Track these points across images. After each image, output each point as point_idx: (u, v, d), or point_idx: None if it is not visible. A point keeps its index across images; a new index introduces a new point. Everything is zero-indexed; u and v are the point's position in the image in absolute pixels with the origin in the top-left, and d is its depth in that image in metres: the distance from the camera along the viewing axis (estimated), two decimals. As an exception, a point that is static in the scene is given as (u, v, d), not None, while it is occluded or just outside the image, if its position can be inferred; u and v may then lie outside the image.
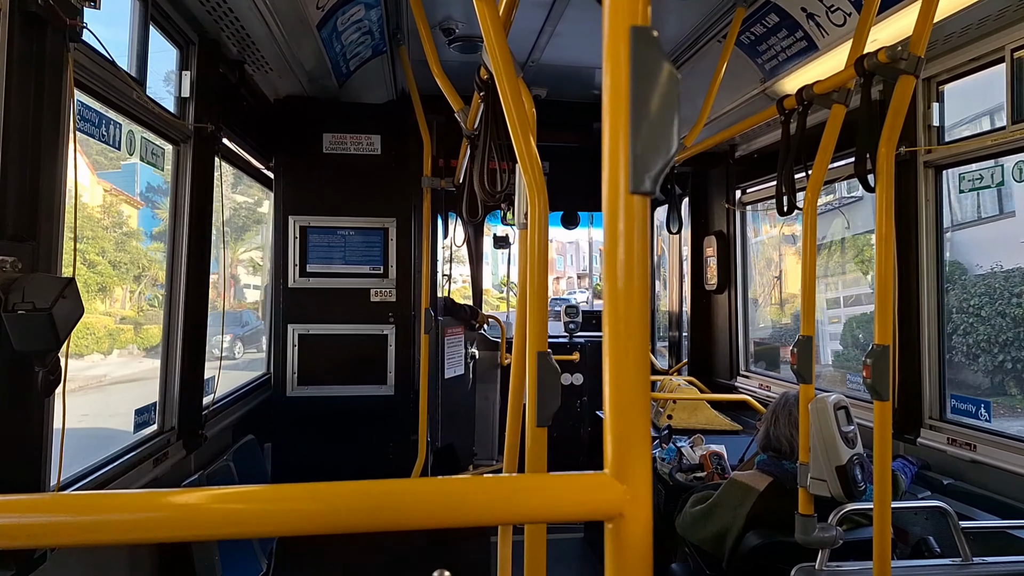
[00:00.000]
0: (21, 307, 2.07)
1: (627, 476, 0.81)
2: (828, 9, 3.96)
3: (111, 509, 0.82)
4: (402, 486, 0.86)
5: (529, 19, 4.71)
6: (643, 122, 0.80)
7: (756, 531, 3.17)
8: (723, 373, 6.90)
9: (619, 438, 0.81)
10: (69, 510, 0.83)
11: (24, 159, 2.27)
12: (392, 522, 0.83)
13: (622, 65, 0.81)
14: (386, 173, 5.52)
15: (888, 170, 2.75)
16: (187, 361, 3.88)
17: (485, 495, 0.85)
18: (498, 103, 2.49)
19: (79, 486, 2.91)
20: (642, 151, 0.80)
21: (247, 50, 4.24)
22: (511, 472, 2.45)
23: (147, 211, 7.51)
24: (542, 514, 0.85)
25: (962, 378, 7.07)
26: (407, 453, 5.46)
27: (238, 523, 0.83)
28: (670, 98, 0.81)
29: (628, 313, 0.81)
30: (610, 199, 0.82)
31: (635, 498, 0.81)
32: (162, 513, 0.82)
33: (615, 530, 0.81)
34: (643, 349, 0.81)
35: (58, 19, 2.32)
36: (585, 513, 0.83)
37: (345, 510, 0.84)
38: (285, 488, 0.84)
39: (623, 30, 0.81)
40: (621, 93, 0.81)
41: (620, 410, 0.81)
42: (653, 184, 0.80)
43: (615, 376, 0.81)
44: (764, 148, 6.21)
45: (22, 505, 0.84)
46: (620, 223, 0.80)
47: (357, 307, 5.47)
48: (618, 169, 0.81)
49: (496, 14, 1.78)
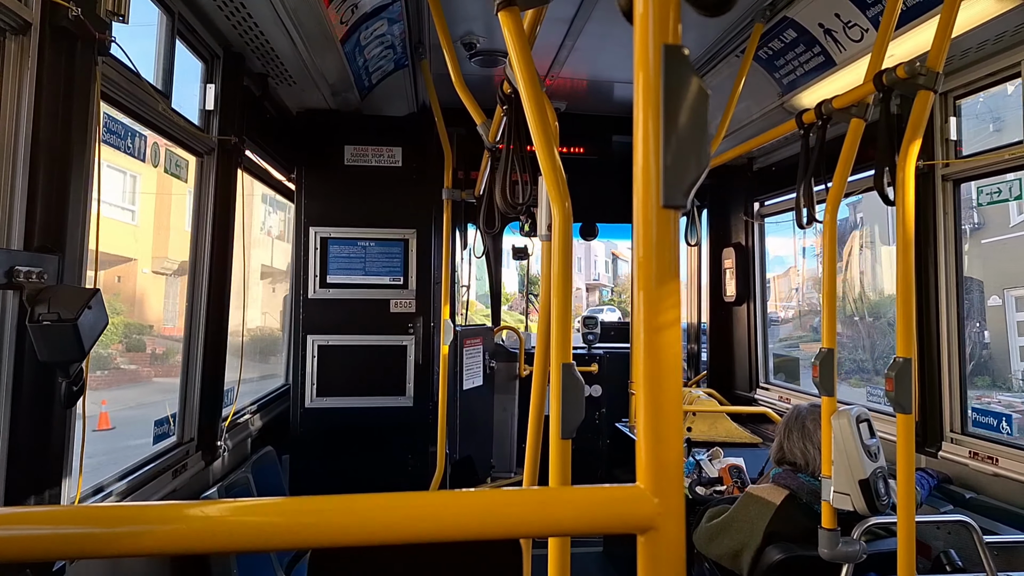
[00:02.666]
0: (47, 318, 2.10)
1: (660, 489, 0.81)
2: (845, 25, 3.96)
3: (131, 521, 0.82)
4: (434, 498, 0.87)
5: (550, 34, 4.74)
6: (674, 137, 0.81)
7: (776, 545, 3.15)
8: (742, 385, 6.86)
9: (652, 451, 0.81)
10: (89, 522, 0.83)
11: (52, 171, 2.30)
12: (424, 534, 0.83)
13: (653, 82, 0.82)
14: (406, 185, 5.55)
15: (907, 184, 2.75)
16: (207, 373, 3.91)
17: (519, 507, 0.86)
18: (521, 116, 2.51)
19: (99, 497, 2.93)
20: (673, 165, 0.81)
21: (271, 64, 4.28)
22: (531, 484, 2.45)
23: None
24: (576, 526, 0.85)
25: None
26: (425, 465, 5.46)
27: (259, 536, 0.83)
28: (700, 114, 0.82)
29: (661, 326, 0.81)
30: (643, 213, 0.83)
31: (668, 511, 0.81)
32: (182, 525, 0.82)
33: (648, 543, 0.82)
34: (676, 362, 0.82)
35: (87, 33, 2.35)
36: (619, 525, 0.83)
37: (376, 523, 0.84)
38: (308, 500, 0.84)
39: (655, 48, 0.82)
40: (652, 109, 0.82)
41: (653, 424, 0.81)
42: (684, 198, 0.81)
43: (649, 390, 0.81)
44: (782, 161, 6.20)
45: (43, 517, 0.84)
46: (653, 236, 0.81)
47: (377, 318, 5.49)
48: (650, 183, 0.82)
49: (521, 30, 1.79)
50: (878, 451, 3.03)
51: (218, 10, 3.54)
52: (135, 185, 11.13)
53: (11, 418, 2.20)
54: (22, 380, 2.21)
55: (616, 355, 7.26)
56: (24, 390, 2.23)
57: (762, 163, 6.58)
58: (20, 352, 2.19)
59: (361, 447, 5.44)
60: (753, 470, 4.39)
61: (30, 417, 2.26)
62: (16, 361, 2.20)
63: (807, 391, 6.00)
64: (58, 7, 2.23)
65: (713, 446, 4.84)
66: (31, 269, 2.14)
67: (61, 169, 2.33)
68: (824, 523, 2.97)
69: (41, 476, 2.35)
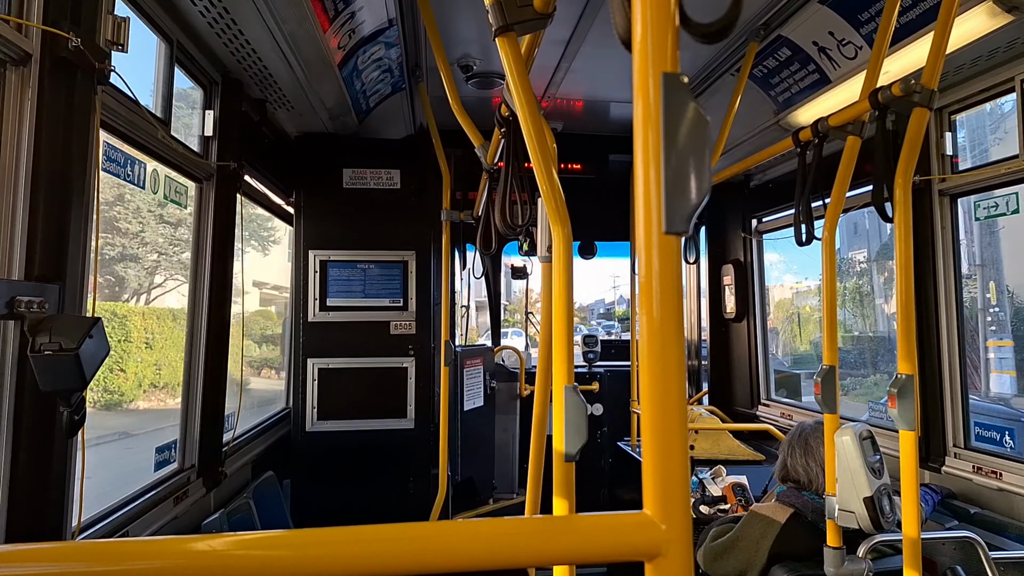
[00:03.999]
0: (48, 348, 2.09)
1: (667, 515, 0.81)
2: (839, 43, 3.99)
3: (137, 557, 0.81)
4: (443, 528, 0.86)
5: (546, 56, 4.77)
6: (674, 164, 0.81)
7: (781, 565, 3.14)
8: (743, 402, 6.85)
9: (658, 477, 0.81)
10: (94, 559, 0.81)
11: (52, 200, 2.29)
12: (434, 565, 0.83)
13: (653, 110, 0.83)
14: (405, 207, 5.57)
15: (905, 200, 2.76)
16: (208, 398, 3.90)
17: (528, 537, 0.85)
18: (519, 138, 2.52)
19: (100, 527, 2.91)
20: (675, 192, 0.81)
21: (269, 89, 4.30)
22: (534, 507, 2.44)
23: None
24: (585, 555, 0.85)
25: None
26: (427, 487, 5.44)
27: (266, 569, 0.82)
28: (700, 140, 0.82)
29: (664, 350, 0.81)
30: (645, 239, 0.83)
31: (675, 537, 0.81)
32: (188, 561, 0.81)
33: (656, 570, 0.81)
34: (680, 386, 0.82)
35: (87, 63, 2.36)
36: (626, 553, 0.83)
37: (386, 554, 0.83)
38: (314, 533, 0.83)
39: (654, 76, 0.83)
40: (652, 136, 0.82)
41: (659, 449, 0.81)
42: (686, 224, 0.81)
43: (653, 415, 0.81)
44: (779, 178, 6.22)
45: (42, 554, 0.82)
46: (655, 262, 0.82)
47: (377, 340, 5.49)
48: (651, 209, 0.82)
49: (519, 54, 1.80)
50: (882, 468, 3.02)
51: (216, 37, 3.56)
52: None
53: (12, 447, 2.19)
54: (23, 410, 2.20)
55: (617, 373, 7.25)
56: (25, 420, 2.21)
57: (758, 180, 6.61)
58: (21, 382, 2.18)
59: (363, 470, 5.43)
60: (756, 487, 4.37)
61: (31, 447, 2.24)
62: (17, 391, 2.19)
63: (809, 408, 5.99)
64: (58, 38, 2.24)
65: (716, 464, 4.83)
66: (32, 299, 2.13)
67: (61, 198, 2.33)
68: (829, 541, 2.96)
69: (42, 505, 2.34)
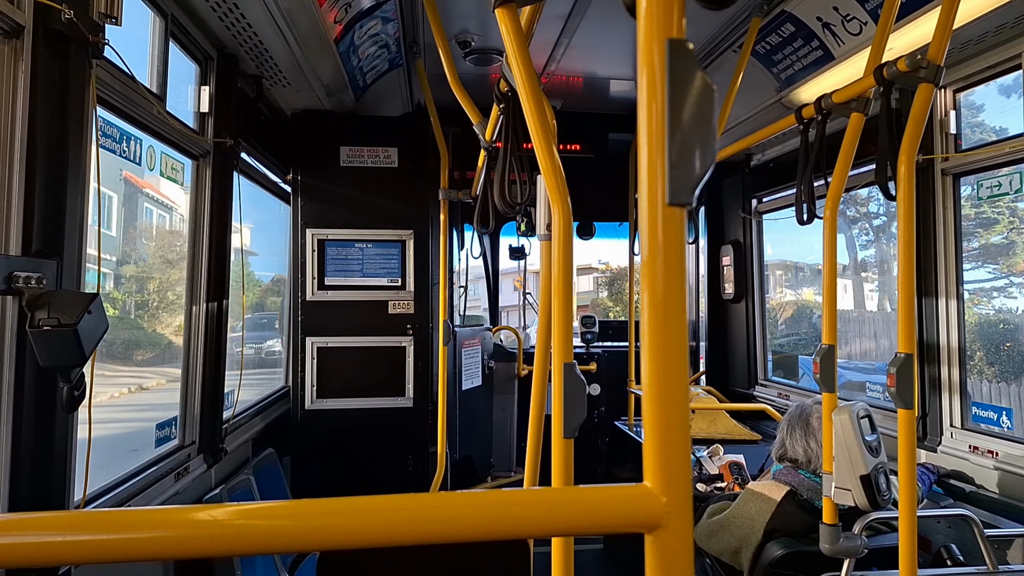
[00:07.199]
0: (46, 323, 2.09)
1: (668, 487, 0.81)
2: (844, 18, 3.95)
3: (139, 526, 0.81)
4: (443, 499, 0.86)
5: (546, 32, 4.73)
6: (679, 133, 0.80)
7: (776, 541, 3.15)
8: (741, 382, 6.87)
9: (659, 449, 0.80)
10: (93, 528, 0.81)
11: (48, 176, 2.28)
12: (434, 535, 0.83)
13: (657, 77, 0.81)
14: (403, 185, 5.54)
15: (908, 178, 2.74)
16: (208, 375, 3.90)
17: (529, 508, 0.85)
18: (518, 115, 2.50)
19: (101, 501, 2.92)
20: (679, 162, 0.80)
21: (265, 65, 4.27)
22: (532, 483, 2.44)
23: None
24: (585, 526, 0.84)
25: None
26: (426, 465, 5.46)
27: (267, 539, 0.82)
28: (706, 109, 0.80)
29: (667, 324, 0.80)
30: (648, 211, 0.81)
31: (676, 509, 0.81)
32: (190, 530, 0.81)
33: (656, 541, 0.81)
34: (682, 360, 0.81)
35: (81, 36, 2.34)
36: (627, 524, 0.82)
37: (386, 524, 0.83)
38: (315, 503, 0.83)
39: (659, 42, 0.81)
40: (657, 105, 0.81)
41: (660, 422, 0.80)
42: (691, 195, 0.80)
43: (655, 388, 0.81)
44: (779, 157, 6.20)
45: (47, 522, 0.83)
46: (659, 234, 0.80)
47: (375, 319, 5.48)
48: (655, 181, 0.81)
49: (519, 27, 1.77)
50: (879, 446, 3.03)
51: (211, 11, 3.52)
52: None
53: (13, 423, 2.19)
54: (23, 386, 2.20)
55: (614, 353, 7.26)
56: (25, 395, 2.21)
57: (759, 159, 6.58)
58: (21, 357, 2.18)
59: (361, 448, 5.44)
60: (753, 467, 4.39)
61: (32, 422, 2.24)
62: (17, 366, 2.19)
63: (807, 387, 6.00)
64: (51, 9, 2.21)
65: (713, 443, 4.85)
66: (30, 275, 2.13)
67: (57, 173, 2.32)
68: (825, 519, 2.97)
69: (45, 481, 2.34)
